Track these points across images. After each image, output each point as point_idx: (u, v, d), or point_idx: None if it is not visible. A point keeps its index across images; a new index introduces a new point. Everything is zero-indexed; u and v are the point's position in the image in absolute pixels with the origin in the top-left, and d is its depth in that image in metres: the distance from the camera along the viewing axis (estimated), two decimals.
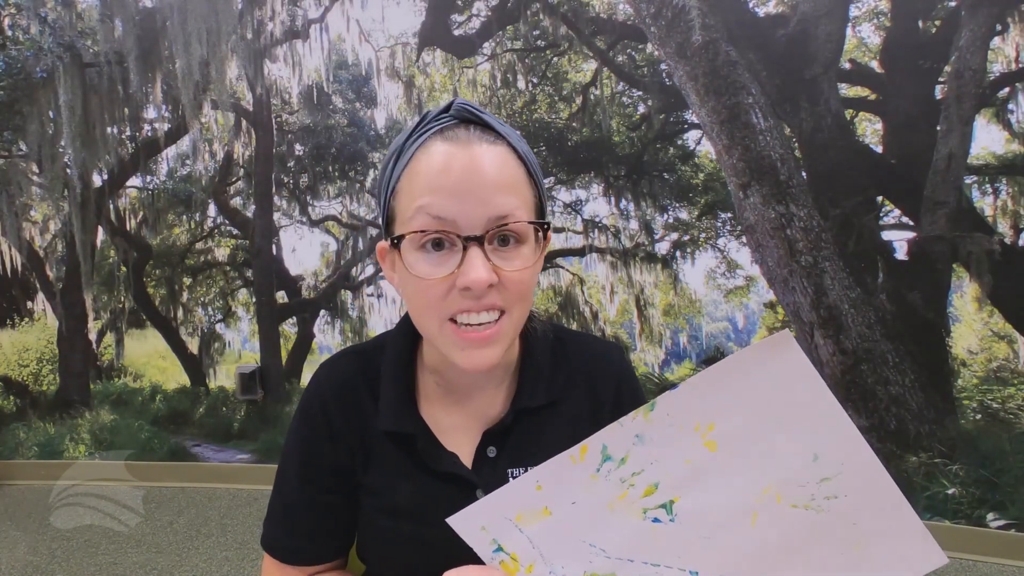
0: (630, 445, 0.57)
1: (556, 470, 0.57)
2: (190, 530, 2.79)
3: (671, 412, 0.56)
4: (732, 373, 0.56)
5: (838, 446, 0.55)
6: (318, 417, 0.74)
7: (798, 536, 0.56)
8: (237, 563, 2.51)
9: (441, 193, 0.58)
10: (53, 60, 3.28)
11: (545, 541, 0.57)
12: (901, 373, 2.46)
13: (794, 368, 0.56)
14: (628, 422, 0.57)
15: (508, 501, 0.58)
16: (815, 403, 0.56)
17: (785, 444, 0.56)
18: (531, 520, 0.57)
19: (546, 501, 0.57)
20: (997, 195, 2.43)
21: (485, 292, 0.59)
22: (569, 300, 3.20)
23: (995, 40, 2.34)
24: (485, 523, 0.58)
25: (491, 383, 0.73)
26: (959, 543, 2.31)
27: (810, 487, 0.56)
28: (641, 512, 0.56)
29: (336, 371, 0.76)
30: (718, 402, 0.56)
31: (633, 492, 0.56)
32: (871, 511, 0.55)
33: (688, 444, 0.56)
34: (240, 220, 3.45)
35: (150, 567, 2.49)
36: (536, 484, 0.57)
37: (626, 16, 2.84)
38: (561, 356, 0.76)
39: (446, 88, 3.19)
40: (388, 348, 0.75)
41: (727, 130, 2.64)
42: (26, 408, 3.56)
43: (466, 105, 0.63)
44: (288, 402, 3.40)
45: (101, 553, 2.60)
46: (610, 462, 0.57)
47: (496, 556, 0.58)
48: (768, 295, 2.75)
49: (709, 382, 0.56)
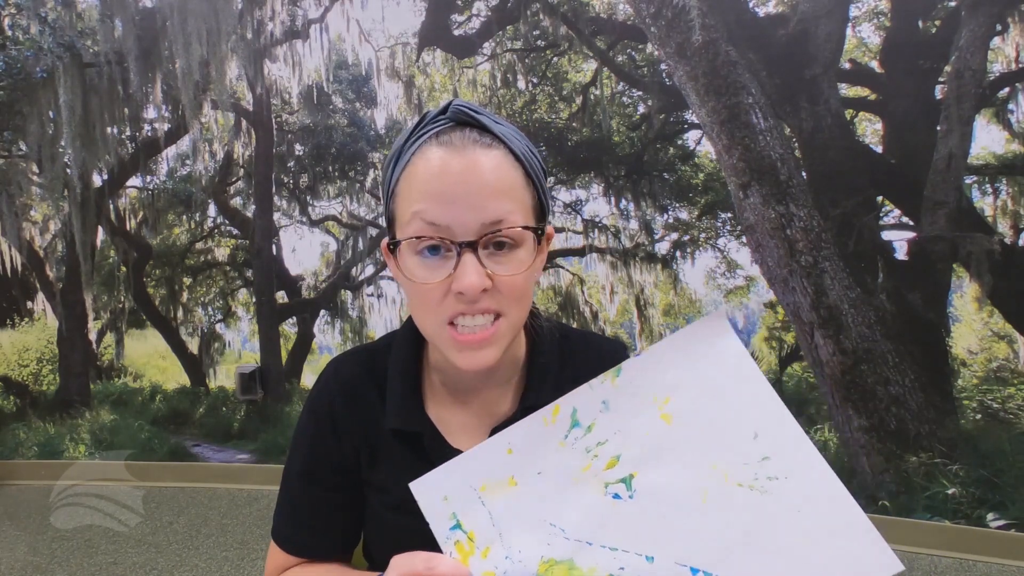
0: (597, 412, 0.58)
1: (528, 432, 0.58)
2: (190, 530, 2.79)
3: (634, 380, 0.59)
4: (678, 349, 0.58)
5: (774, 426, 0.57)
6: (324, 415, 0.75)
7: (746, 518, 0.56)
8: (237, 563, 2.51)
9: (435, 199, 0.59)
10: (53, 60, 3.28)
11: (506, 518, 0.57)
12: (901, 373, 2.46)
13: (728, 348, 0.58)
14: (597, 385, 0.59)
15: (476, 465, 0.58)
16: (747, 381, 0.58)
17: (727, 421, 0.57)
18: (496, 492, 0.57)
19: (514, 469, 0.58)
20: (997, 195, 2.43)
21: (479, 296, 0.59)
22: (569, 300, 3.20)
23: (995, 40, 2.34)
24: (449, 492, 0.58)
25: (497, 381, 0.74)
26: (959, 543, 2.30)
27: (752, 466, 0.57)
28: (603, 487, 0.57)
29: (343, 370, 0.77)
30: (672, 375, 0.58)
31: (596, 464, 0.57)
32: (813, 501, 0.55)
33: (647, 416, 0.58)
34: (240, 220, 3.45)
35: (150, 567, 2.49)
36: (508, 447, 0.58)
37: (626, 16, 2.84)
38: (568, 354, 0.76)
39: (446, 88, 3.19)
40: (395, 347, 0.76)
41: (727, 130, 2.64)
42: (26, 408, 3.56)
43: (463, 106, 0.63)
44: (288, 402, 3.40)
45: (101, 553, 2.60)
46: (578, 428, 0.58)
47: (452, 535, 0.58)
48: (768, 295, 2.75)
49: (662, 354, 0.59)
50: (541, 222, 0.66)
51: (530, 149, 0.66)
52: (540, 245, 0.65)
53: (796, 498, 0.55)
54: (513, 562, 0.56)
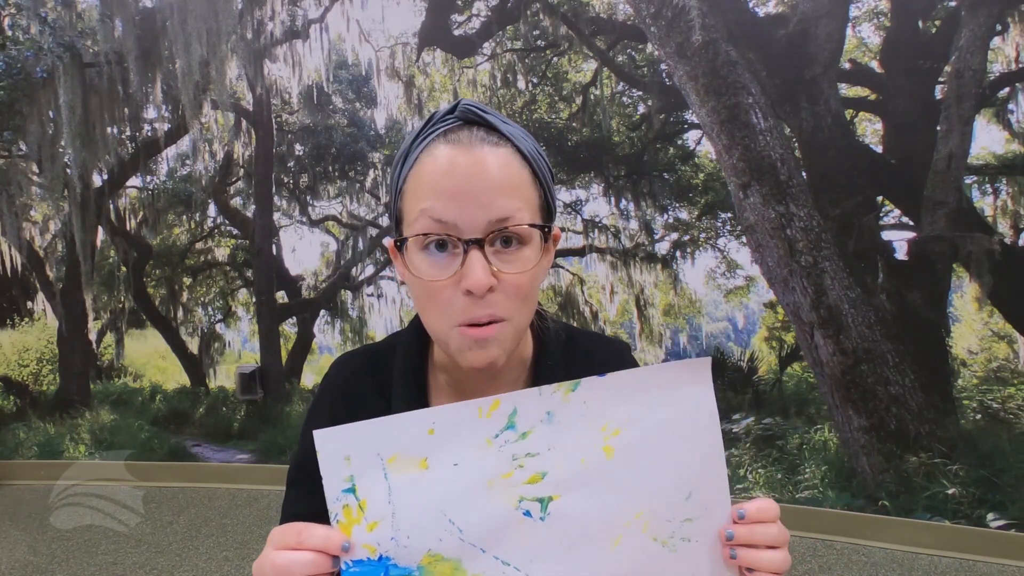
0: (537, 421, 0.55)
1: (457, 418, 0.54)
2: (190, 530, 2.79)
3: (588, 400, 0.55)
4: (648, 384, 0.55)
5: (709, 491, 0.56)
6: (324, 421, 0.75)
7: (648, 572, 0.55)
8: (237, 563, 2.51)
9: (443, 196, 0.59)
10: (53, 60, 3.28)
11: (405, 498, 0.53)
12: (901, 373, 2.46)
13: (699, 398, 0.56)
14: (548, 393, 0.55)
15: (392, 434, 0.54)
16: (706, 440, 0.56)
17: (669, 473, 0.55)
18: (403, 468, 0.54)
19: (429, 451, 0.54)
20: (997, 195, 2.43)
21: (486, 296, 0.59)
22: (569, 300, 3.20)
23: (995, 40, 2.34)
24: (354, 452, 0.54)
25: (504, 383, 0.73)
26: (959, 543, 2.30)
27: (674, 524, 0.55)
28: (517, 500, 0.54)
29: (345, 372, 0.77)
30: (629, 409, 0.55)
31: (518, 475, 0.54)
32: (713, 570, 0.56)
33: (589, 442, 0.55)
34: (240, 220, 3.45)
35: (150, 567, 2.49)
36: (431, 426, 0.54)
37: (626, 16, 2.84)
38: (574, 356, 0.76)
39: (446, 88, 3.19)
40: (399, 348, 0.76)
41: (727, 130, 2.64)
42: (26, 408, 3.56)
43: (471, 106, 0.64)
44: (288, 402, 3.40)
45: (101, 553, 2.60)
46: (512, 431, 0.55)
47: (344, 498, 0.54)
48: (768, 295, 2.75)
49: (628, 384, 0.55)
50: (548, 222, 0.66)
51: (537, 150, 0.67)
52: (547, 245, 0.65)
53: (698, 563, 0.55)
54: (398, 545, 0.53)
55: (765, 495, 2.61)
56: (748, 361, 2.84)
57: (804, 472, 2.60)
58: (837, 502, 2.53)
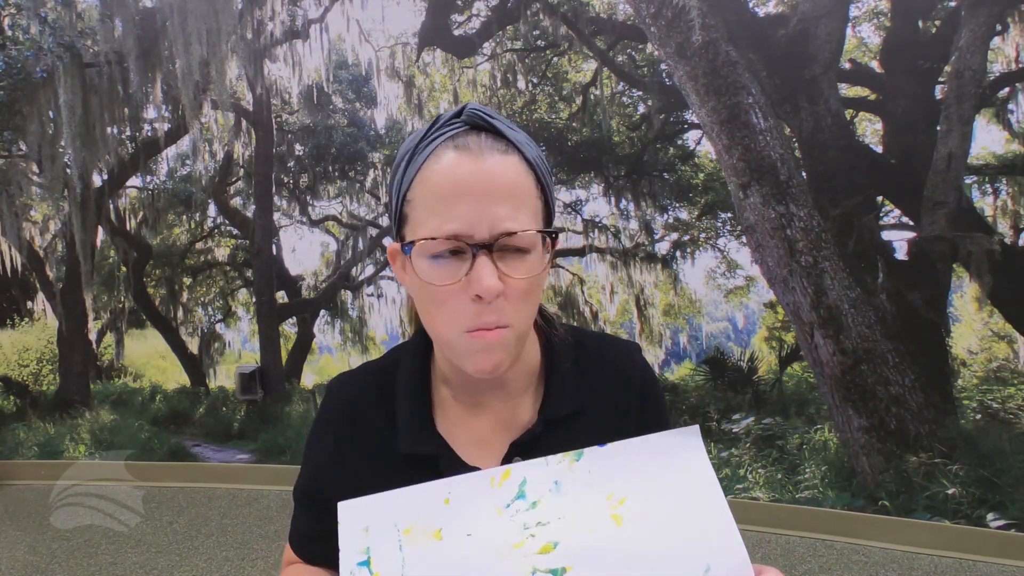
0: (546, 490, 0.55)
1: (472, 488, 0.55)
2: (190, 530, 2.79)
3: (593, 469, 0.55)
4: (646, 452, 0.55)
5: (728, 564, 0.53)
6: (327, 441, 0.74)
7: None
8: (237, 563, 2.51)
9: (451, 202, 0.59)
10: (53, 60, 3.28)
11: (418, 571, 0.54)
12: (901, 373, 2.46)
13: (695, 465, 0.55)
14: (554, 463, 0.56)
15: (409, 505, 0.55)
16: (712, 508, 0.55)
17: (682, 546, 0.54)
18: (418, 539, 0.54)
19: (444, 522, 0.55)
20: (997, 195, 2.43)
21: (494, 302, 0.59)
22: (569, 300, 3.20)
23: (995, 40, 2.34)
24: (372, 524, 0.55)
25: (512, 392, 0.72)
26: (959, 543, 2.30)
27: None
28: (530, 570, 0.53)
29: (347, 392, 0.76)
30: (633, 477, 0.55)
31: (531, 544, 0.54)
32: None
33: (597, 511, 0.54)
34: (240, 220, 3.45)
35: (150, 567, 2.49)
36: (447, 496, 0.55)
37: (626, 16, 2.84)
38: (585, 362, 0.75)
39: (446, 88, 3.19)
40: (402, 363, 0.75)
41: (727, 130, 2.64)
42: (26, 408, 3.56)
43: (478, 111, 0.63)
44: (288, 402, 3.40)
45: (101, 553, 2.60)
46: (522, 500, 0.55)
47: (358, 571, 0.54)
48: (768, 295, 2.75)
49: (628, 451, 0.55)
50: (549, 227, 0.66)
51: (540, 155, 0.67)
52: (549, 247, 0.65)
53: None
54: None
55: (766, 495, 2.62)
56: (748, 361, 2.84)
57: (804, 472, 2.60)
58: (837, 502, 2.53)
